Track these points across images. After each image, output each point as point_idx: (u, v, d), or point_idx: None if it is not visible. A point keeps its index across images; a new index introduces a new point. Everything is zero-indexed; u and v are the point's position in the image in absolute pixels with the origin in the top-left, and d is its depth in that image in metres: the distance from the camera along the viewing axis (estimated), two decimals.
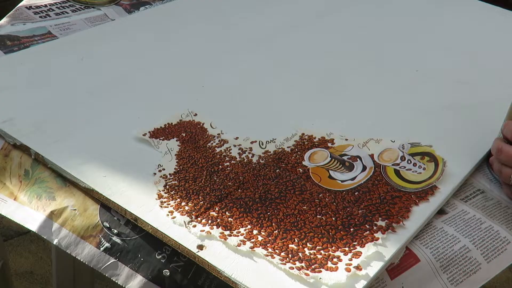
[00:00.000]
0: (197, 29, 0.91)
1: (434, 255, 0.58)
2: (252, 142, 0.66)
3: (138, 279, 0.56)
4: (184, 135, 0.67)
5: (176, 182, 0.60)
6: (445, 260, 0.58)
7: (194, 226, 0.55)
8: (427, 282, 0.57)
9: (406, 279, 0.56)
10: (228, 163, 0.63)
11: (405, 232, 0.56)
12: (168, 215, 0.56)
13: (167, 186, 0.60)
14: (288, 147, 0.66)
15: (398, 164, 0.63)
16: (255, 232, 0.55)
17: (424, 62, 0.85)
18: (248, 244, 0.53)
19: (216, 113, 0.71)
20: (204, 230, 0.54)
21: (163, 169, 0.62)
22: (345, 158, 0.64)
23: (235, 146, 0.66)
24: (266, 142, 0.66)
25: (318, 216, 0.57)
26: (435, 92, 0.78)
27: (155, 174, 0.61)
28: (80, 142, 0.65)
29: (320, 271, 0.51)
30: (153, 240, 0.56)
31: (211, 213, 0.56)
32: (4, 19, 0.91)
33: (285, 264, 0.52)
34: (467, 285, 0.58)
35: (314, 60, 0.85)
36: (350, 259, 0.52)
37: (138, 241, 0.57)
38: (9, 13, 0.92)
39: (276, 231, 0.55)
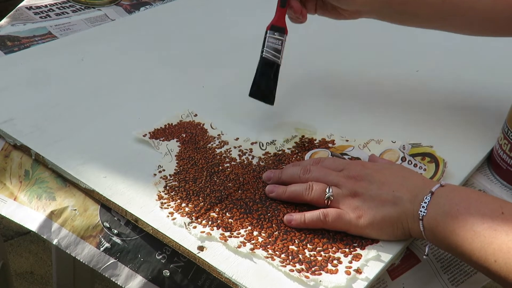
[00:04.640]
0: (197, 29, 0.91)
1: (434, 255, 0.58)
2: (252, 143, 0.66)
3: (138, 279, 0.56)
4: (184, 135, 0.67)
5: (176, 183, 0.60)
6: (445, 260, 0.58)
7: (195, 227, 0.55)
8: (428, 282, 0.57)
9: (407, 279, 0.56)
10: (228, 164, 0.63)
11: None
12: (168, 216, 0.56)
13: (167, 187, 0.59)
14: (288, 149, 0.66)
15: None
16: (255, 233, 0.55)
17: (424, 62, 0.85)
18: (248, 245, 0.53)
19: (216, 114, 0.71)
20: (204, 231, 0.54)
21: (163, 170, 0.62)
22: (346, 158, 0.64)
23: (235, 147, 0.65)
24: (267, 144, 0.66)
25: None
26: (435, 92, 0.78)
27: (155, 175, 0.61)
28: (80, 142, 0.65)
29: (320, 274, 0.51)
30: (154, 241, 0.56)
31: (211, 214, 0.56)
32: (5, 20, 0.91)
33: (285, 266, 0.51)
34: (467, 285, 0.58)
35: (314, 60, 0.85)
36: (350, 262, 0.52)
37: (138, 241, 0.57)
38: (10, 14, 0.92)
39: (277, 232, 0.55)
